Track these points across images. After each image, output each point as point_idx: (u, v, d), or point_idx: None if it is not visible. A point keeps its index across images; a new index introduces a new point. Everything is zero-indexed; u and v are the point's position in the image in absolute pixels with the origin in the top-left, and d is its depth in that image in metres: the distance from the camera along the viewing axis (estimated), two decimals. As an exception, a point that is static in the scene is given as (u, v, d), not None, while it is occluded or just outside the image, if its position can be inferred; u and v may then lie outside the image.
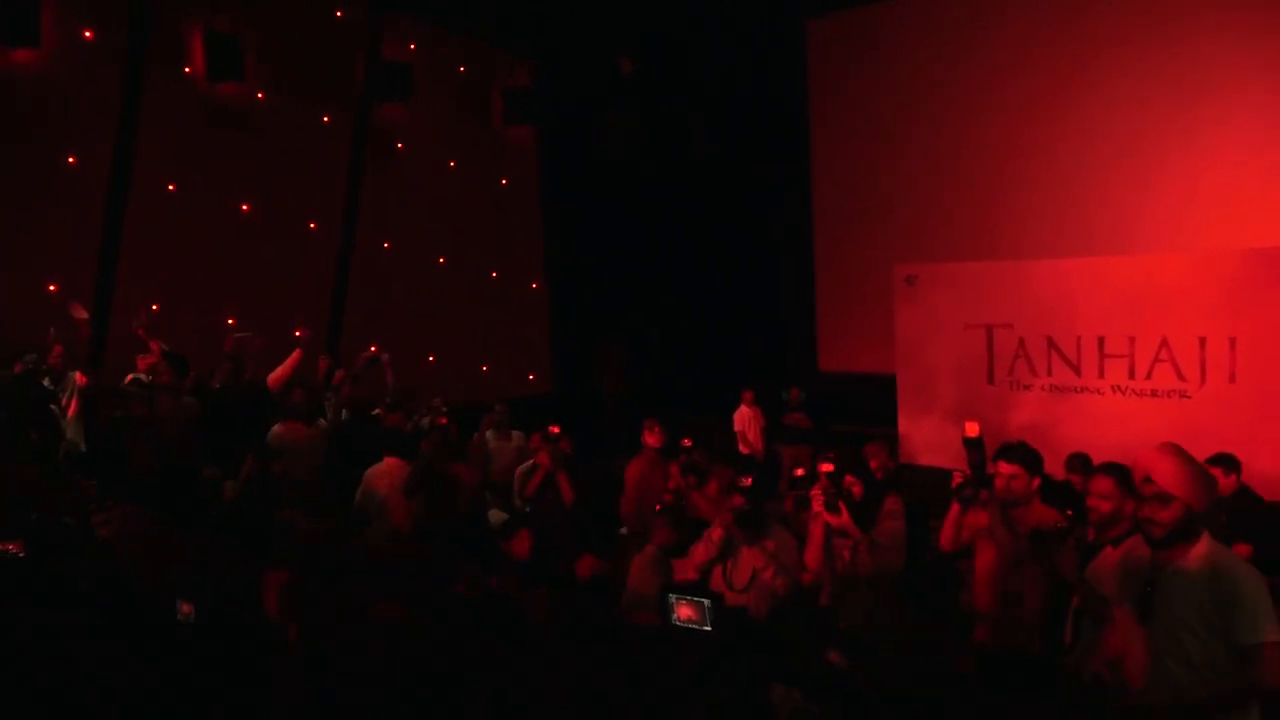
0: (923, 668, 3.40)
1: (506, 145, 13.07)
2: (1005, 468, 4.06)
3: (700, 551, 4.79)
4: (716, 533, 4.74)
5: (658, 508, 5.47)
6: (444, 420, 6.97)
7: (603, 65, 12.84)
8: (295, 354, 7.46)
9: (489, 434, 8.70)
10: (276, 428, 6.92)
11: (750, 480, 4.71)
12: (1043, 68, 10.86)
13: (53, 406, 6.88)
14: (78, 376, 7.05)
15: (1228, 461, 5.79)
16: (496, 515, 7.16)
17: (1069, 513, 3.92)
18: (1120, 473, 3.68)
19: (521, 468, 7.53)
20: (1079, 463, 6.26)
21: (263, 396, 7.30)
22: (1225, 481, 5.59)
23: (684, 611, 3.50)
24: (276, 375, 7.39)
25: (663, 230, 13.15)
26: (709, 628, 3.43)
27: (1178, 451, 2.99)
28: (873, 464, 5.40)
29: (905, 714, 2.82)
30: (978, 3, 11.43)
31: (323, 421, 7.59)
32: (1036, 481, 4.08)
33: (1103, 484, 3.64)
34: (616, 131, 13.10)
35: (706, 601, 3.48)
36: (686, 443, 6.57)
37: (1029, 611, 3.95)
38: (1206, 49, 9.82)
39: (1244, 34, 9.62)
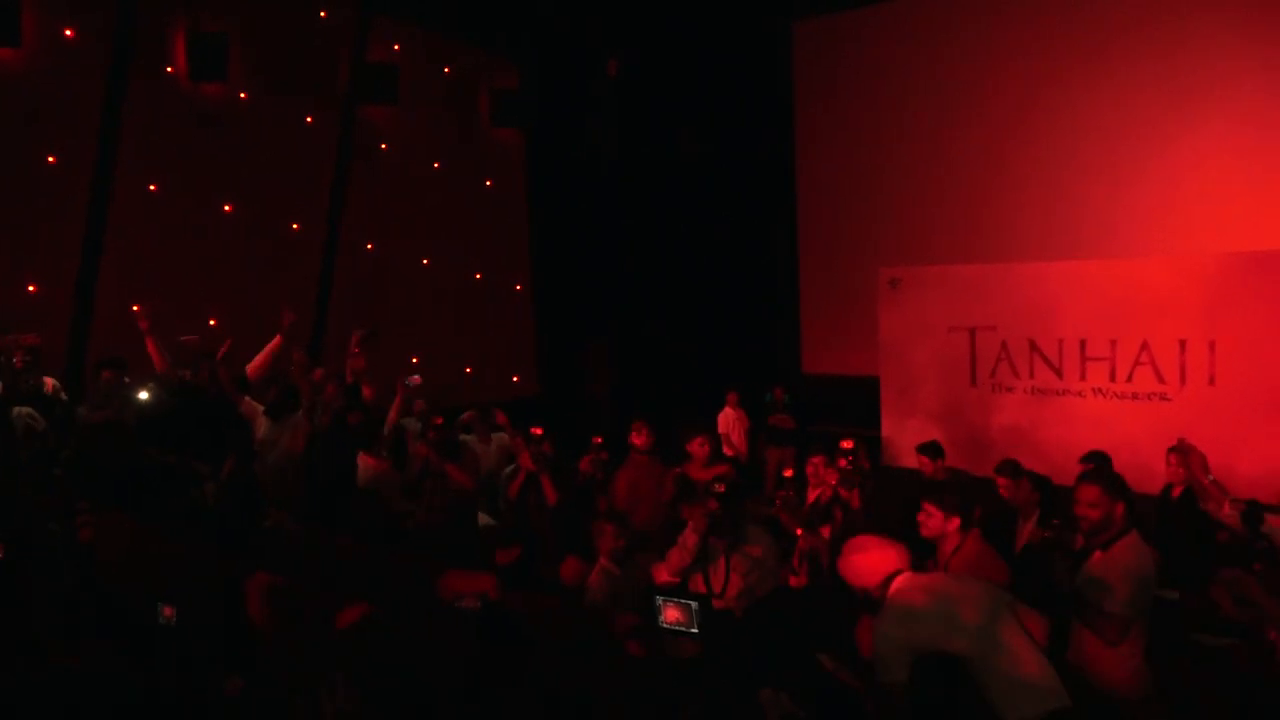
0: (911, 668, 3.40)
1: (492, 146, 13.04)
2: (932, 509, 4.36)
3: (676, 557, 4.77)
4: (691, 539, 4.73)
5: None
6: (439, 420, 6.93)
7: (589, 67, 12.83)
8: (275, 340, 7.18)
9: (470, 437, 8.65)
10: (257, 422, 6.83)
11: (724, 488, 4.72)
12: (1028, 72, 10.93)
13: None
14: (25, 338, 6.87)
15: None
16: (481, 519, 7.13)
17: (1055, 522, 3.96)
18: (1105, 478, 3.71)
19: (506, 470, 7.50)
20: (1009, 468, 6.16)
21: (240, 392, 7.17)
22: None
23: (671, 614, 3.49)
24: (255, 364, 7.24)
25: (649, 232, 13.14)
26: (696, 630, 3.43)
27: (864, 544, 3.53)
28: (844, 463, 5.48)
29: (894, 716, 2.82)
30: (963, 7, 11.50)
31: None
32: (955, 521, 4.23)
33: (1089, 493, 3.67)
34: (603, 133, 13.09)
35: (694, 604, 3.47)
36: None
37: None
38: (1190, 54, 9.91)
39: (1227, 39, 9.72)
